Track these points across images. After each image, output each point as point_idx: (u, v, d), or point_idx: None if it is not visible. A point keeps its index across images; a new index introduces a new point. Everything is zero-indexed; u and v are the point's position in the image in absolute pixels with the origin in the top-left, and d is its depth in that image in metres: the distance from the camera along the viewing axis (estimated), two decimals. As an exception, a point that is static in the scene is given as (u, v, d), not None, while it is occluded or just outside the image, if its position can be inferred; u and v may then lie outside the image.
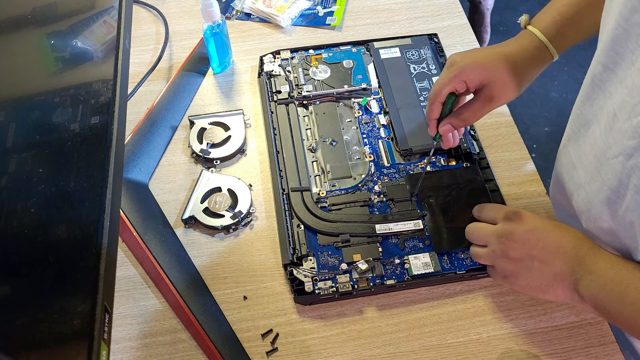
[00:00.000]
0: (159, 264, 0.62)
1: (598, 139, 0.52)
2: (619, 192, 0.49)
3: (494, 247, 0.56)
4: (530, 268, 0.54)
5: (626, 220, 0.50)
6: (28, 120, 0.44)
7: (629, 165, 0.47)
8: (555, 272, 0.52)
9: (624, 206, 0.49)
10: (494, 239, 0.56)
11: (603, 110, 0.51)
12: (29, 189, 0.41)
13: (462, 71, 0.58)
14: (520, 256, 0.54)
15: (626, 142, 0.47)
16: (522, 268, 0.54)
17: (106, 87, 0.53)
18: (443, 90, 0.59)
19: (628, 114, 0.46)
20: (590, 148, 0.54)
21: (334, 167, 0.70)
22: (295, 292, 0.60)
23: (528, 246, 0.54)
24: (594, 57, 0.52)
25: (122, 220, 0.64)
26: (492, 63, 0.58)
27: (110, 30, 0.58)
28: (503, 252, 0.55)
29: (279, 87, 0.76)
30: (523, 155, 0.73)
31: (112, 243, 0.46)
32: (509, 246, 0.55)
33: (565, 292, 0.52)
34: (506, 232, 0.55)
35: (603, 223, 0.53)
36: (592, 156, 0.53)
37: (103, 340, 0.41)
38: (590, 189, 0.54)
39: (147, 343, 0.60)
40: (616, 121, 0.48)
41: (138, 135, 0.72)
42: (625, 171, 0.48)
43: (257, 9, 0.88)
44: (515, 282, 0.55)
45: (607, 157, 0.50)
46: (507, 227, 0.56)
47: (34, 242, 0.40)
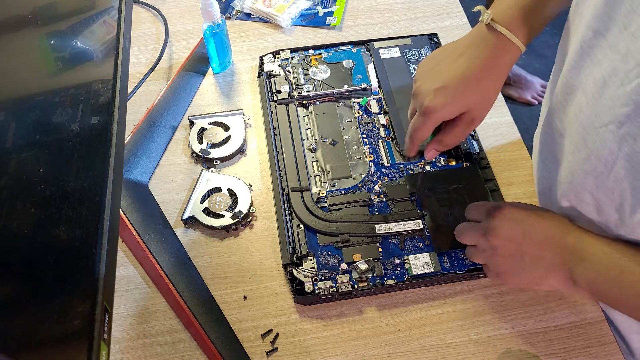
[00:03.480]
0: (159, 264, 0.62)
1: (584, 108, 0.51)
2: (608, 161, 0.48)
3: (483, 246, 0.56)
4: (521, 263, 0.53)
5: (615, 190, 0.49)
6: (28, 120, 0.44)
7: (620, 133, 0.46)
8: (547, 264, 0.52)
9: (613, 176, 0.48)
10: (480, 238, 0.56)
11: (590, 78, 0.50)
12: (29, 189, 0.41)
13: (435, 115, 0.56)
14: (509, 253, 0.54)
15: (618, 109, 0.46)
16: (514, 264, 0.54)
17: (106, 87, 0.53)
18: (423, 136, 0.58)
19: (621, 80, 0.45)
20: (576, 117, 0.52)
21: (334, 167, 0.70)
22: (295, 292, 0.60)
23: (515, 242, 0.53)
24: (584, 23, 0.50)
25: (122, 220, 0.64)
26: (461, 93, 0.55)
27: (110, 30, 0.58)
28: (492, 249, 0.55)
29: (279, 87, 0.76)
30: (523, 155, 0.73)
31: (112, 243, 0.46)
32: (496, 243, 0.54)
33: (560, 281, 0.52)
34: (490, 229, 0.55)
35: (585, 195, 0.52)
36: (578, 125, 0.52)
37: (103, 340, 0.41)
38: (574, 159, 0.53)
39: (147, 343, 0.60)
40: (606, 88, 0.47)
41: (138, 135, 0.72)
42: (616, 140, 0.47)
43: (257, 9, 0.88)
44: (508, 278, 0.55)
45: (595, 126, 0.49)
46: (490, 224, 0.55)
47: (34, 242, 0.40)
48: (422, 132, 0.57)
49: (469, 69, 0.55)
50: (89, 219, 0.45)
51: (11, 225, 0.38)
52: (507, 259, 0.54)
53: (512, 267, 0.54)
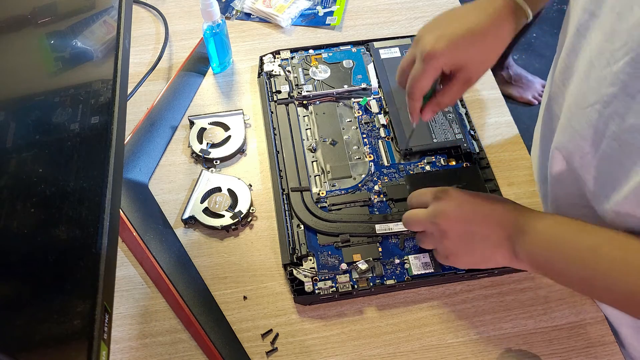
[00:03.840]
0: (159, 264, 0.62)
1: (574, 90, 0.51)
2: (595, 140, 0.49)
3: (432, 230, 0.56)
4: (470, 243, 0.54)
5: (601, 168, 0.49)
6: (28, 120, 0.44)
7: (606, 112, 0.46)
8: (493, 240, 0.53)
9: (599, 155, 0.49)
10: (429, 223, 0.56)
11: (582, 60, 0.50)
12: (29, 189, 0.41)
13: (436, 60, 0.56)
14: (458, 234, 0.54)
15: (604, 89, 0.46)
16: (463, 245, 0.54)
17: (106, 87, 0.53)
18: (423, 84, 0.58)
19: (607, 60, 0.46)
20: (566, 100, 0.53)
21: (334, 167, 0.70)
22: (295, 292, 0.60)
23: (463, 222, 0.54)
24: (580, 5, 0.51)
25: (122, 220, 0.64)
26: (464, 45, 0.56)
27: (110, 30, 0.58)
28: (441, 233, 0.55)
29: (278, 87, 0.76)
30: (523, 155, 0.73)
31: (112, 243, 0.46)
32: (445, 226, 0.54)
33: (505, 256, 0.53)
34: (438, 212, 0.55)
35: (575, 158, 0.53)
36: (566, 107, 0.53)
37: (103, 341, 0.41)
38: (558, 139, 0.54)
39: (147, 343, 0.60)
40: (593, 69, 0.48)
41: (138, 135, 0.72)
42: (602, 119, 0.47)
43: (257, 9, 0.88)
44: (458, 259, 0.55)
45: (581, 107, 0.49)
46: (437, 206, 0.55)
47: (34, 242, 0.40)
48: (422, 81, 0.57)
49: (475, 24, 0.55)
50: (89, 219, 0.45)
51: (11, 225, 0.38)
52: (456, 240, 0.54)
53: (461, 247, 0.54)
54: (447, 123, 0.72)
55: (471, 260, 0.55)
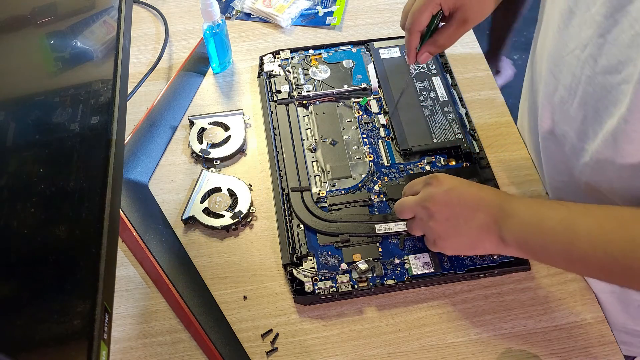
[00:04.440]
0: (159, 264, 0.62)
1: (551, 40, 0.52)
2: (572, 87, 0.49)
3: (421, 215, 0.56)
4: (457, 227, 0.54)
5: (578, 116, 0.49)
6: (28, 120, 0.44)
7: (583, 56, 0.47)
8: (480, 224, 0.53)
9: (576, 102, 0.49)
10: (418, 207, 0.56)
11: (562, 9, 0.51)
12: (29, 189, 0.41)
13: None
14: (445, 217, 0.54)
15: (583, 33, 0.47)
16: (450, 228, 0.54)
17: (106, 87, 0.53)
18: (422, 18, 0.59)
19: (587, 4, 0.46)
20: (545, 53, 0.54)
21: (334, 167, 0.70)
22: (295, 292, 0.60)
23: (451, 206, 0.54)
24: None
25: (122, 220, 0.64)
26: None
27: (110, 30, 0.58)
28: (429, 216, 0.55)
29: (278, 87, 0.76)
30: (523, 155, 0.73)
31: (112, 243, 0.46)
32: (433, 209, 0.55)
33: (492, 241, 0.53)
34: (427, 197, 0.55)
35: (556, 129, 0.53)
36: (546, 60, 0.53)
37: (103, 340, 0.41)
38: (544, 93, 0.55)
39: (147, 343, 0.60)
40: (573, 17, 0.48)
41: (138, 135, 0.72)
42: (580, 64, 0.47)
43: (257, 9, 0.88)
44: (445, 244, 0.56)
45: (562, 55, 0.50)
46: (427, 191, 0.56)
47: (34, 242, 0.40)
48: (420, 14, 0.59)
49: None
50: (89, 219, 0.45)
51: (11, 225, 0.38)
52: (443, 223, 0.55)
53: (448, 231, 0.55)
54: (447, 123, 0.73)
55: (458, 243, 0.55)
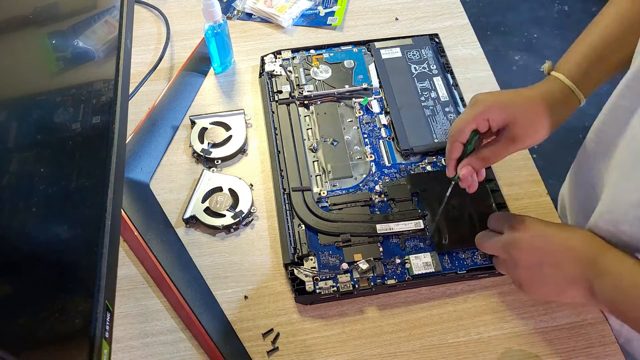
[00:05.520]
0: (160, 263, 0.62)
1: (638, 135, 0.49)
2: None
3: (504, 257, 0.56)
4: (542, 275, 0.53)
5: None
6: (30, 119, 0.44)
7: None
8: (567, 275, 0.51)
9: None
10: (501, 250, 0.56)
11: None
12: (31, 189, 0.41)
13: (485, 109, 0.56)
14: (530, 264, 0.53)
15: None
16: (535, 275, 0.53)
17: (108, 87, 0.53)
18: (466, 129, 0.57)
19: None
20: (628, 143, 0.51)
21: (335, 167, 0.70)
22: (296, 292, 0.60)
23: (536, 253, 0.53)
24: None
25: (124, 219, 0.64)
26: (515, 103, 0.56)
27: (112, 30, 0.58)
28: (514, 262, 0.54)
29: (280, 87, 0.76)
30: (524, 155, 0.73)
31: (114, 242, 0.46)
32: (518, 256, 0.54)
33: (580, 294, 0.51)
34: (511, 242, 0.54)
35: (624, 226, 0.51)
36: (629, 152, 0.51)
37: (104, 339, 0.41)
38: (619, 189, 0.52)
39: (148, 342, 0.60)
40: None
41: (139, 135, 0.72)
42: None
43: (258, 9, 0.88)
44: (530, 289, 0.55)
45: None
46: (511, 236, 0.55)
47: (36, 241, 0.40)
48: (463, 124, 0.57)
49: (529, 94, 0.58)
50: (90, 218, 0.45)
51: (13, 224, 0.38)
52: (528, 270, 0.53)
53: (533, 278, 0.54)
54: (448, 123, 0.73)
55: (543, 292, 0.54)
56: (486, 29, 1.92)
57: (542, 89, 0.58)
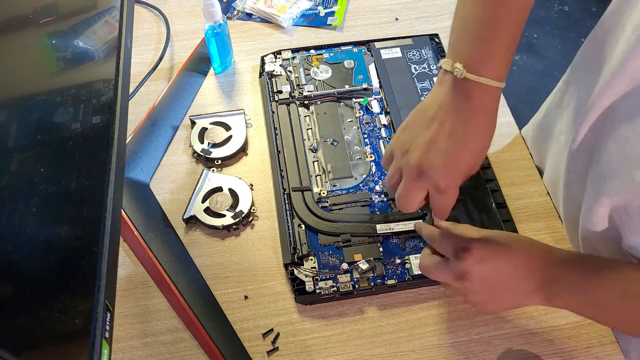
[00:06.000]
0: (160, 263, 0.62)
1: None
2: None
3: (456, 287, 0.53)
4: (497, 295, 0.52)
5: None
6: (30, 119, 0.44)
7: None
8: (524, 291, 0.51)
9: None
10: (452, 281, 0.53)
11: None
12: (31, 188, 0.41)
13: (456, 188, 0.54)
14: (484, 289, 0.52)
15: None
16: (491, 297, 0.52)
17: (108, 87, 0.53)
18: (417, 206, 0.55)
19: None
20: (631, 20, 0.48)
21: (335, 167, 0.70)
22: (296, 292, 0.60)
23: (488, 280, 0.51)
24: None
25: (124, 219, 0.64)
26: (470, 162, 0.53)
27: (112, 30, 0.58)
28: (467, 291, 0.52)
29: (280, 87, 0.76)
30: (524, 155, 0.73)
31: (114, 242, 0.46)
32: (469, 286, 0.52)
33: (538, 302, 0.52)
34: (460, 273, 0.51)
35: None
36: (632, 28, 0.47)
37: (104, 339, 0.41)
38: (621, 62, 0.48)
39: (148, 342, 0.60)
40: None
41: (139, 135, 0.72)
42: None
43: (258, 9, 0.88)
44: (489, 308, 0.54)
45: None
46: (458, 267, 0.51)
47: (36, 241, 0.40)
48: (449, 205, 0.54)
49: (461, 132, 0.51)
50: (90, 218, 0.45)
51: (13, 224, 0.38)
52: (483, 294, 0.52)
53: (489, 300, 0.53)
54: (448, 123, 0.72)
55: (500, 307, 0.55)
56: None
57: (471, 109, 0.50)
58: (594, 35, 0.57)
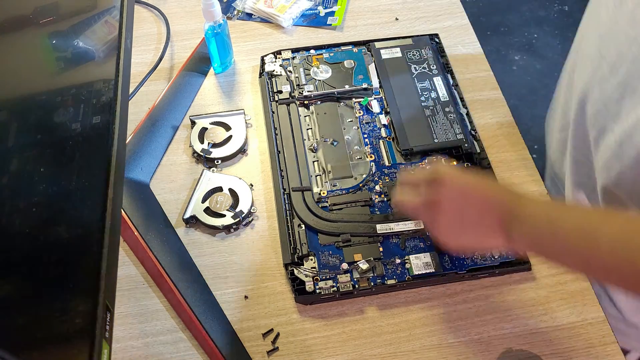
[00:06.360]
0: (160, 263, 0.62)
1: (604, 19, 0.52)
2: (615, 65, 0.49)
3: (426, 218, 0.56)
4: (463, 227, 0.53)
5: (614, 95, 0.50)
6: (30, 119, 0.44)
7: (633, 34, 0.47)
8: (486, 224, 0.52)
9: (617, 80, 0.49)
10: (422, 211, 0.55)
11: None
12: (31, 188, 0.41)
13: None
14: (451, 220, 0.53)
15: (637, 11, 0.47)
16: (456, 229, 0.54)
17: (108, 87, 0.53)
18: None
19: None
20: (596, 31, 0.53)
21: (335, 167, 0.70)
22: (296, 292, 0.60)
23: (454, 209, 0.53)
24: None
25: (124, 219, 0.64)
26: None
27: (112, 30, 0.58)
28: (434, 220, 0.54)
29: (280, 87, 0.76)
30: (524, 155, 0.73)
31: (114, 242, 0.46)
32: (439, 215, 0.53)
33: (500, 242, 0.52)
34: (432, 202, 0.54)
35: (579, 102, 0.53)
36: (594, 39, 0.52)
37: (104, 339, 0.41)
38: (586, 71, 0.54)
39: (148, 342, 0.60)
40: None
41: (139, 135, 0.72)
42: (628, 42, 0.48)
43: (258, 9, 0.88)
44: (453, 241, 0.55)
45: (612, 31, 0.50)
46: (431, 192, 0.54)
47: (36, 241, 0.40)
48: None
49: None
50: (90, 218, 0.45)
51: (13, 224, 0.38)
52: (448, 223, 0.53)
53: (453, 230, 0.54)
54: (448, 123, 0.73)
55: (464, 241, 0.54)
56: (486, 29, 1.92)
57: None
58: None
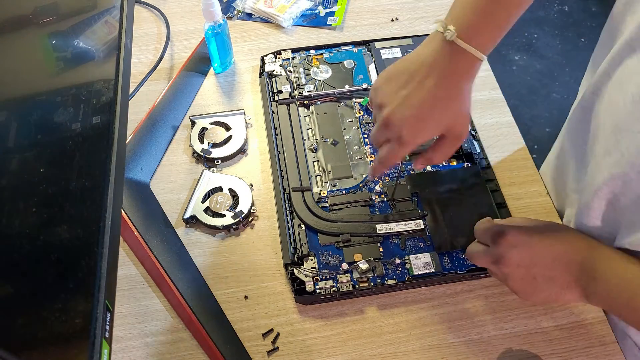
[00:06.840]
0: (160, 263, 0.62)
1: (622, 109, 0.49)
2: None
3: (495, 272, 0.55)
4: (534, 284, 0.52)
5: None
6: (30, 119, 0.44)
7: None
8: (561, 283, 0.51)
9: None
10: (491, 265, 0.55)
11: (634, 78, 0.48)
12: (31, 189, 0.41)
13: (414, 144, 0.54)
14: (520, 277, 0.53)
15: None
16: (527, 286, 0.53)
17: (108, 87, 0.53)
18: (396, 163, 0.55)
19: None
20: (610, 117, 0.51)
21: (335, 167, 0.70)
22: (296, 292, 0.60)
23: (524, 267, 0.52)
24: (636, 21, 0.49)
25: (124, 219, 0.64)
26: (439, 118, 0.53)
27: (112, 30, 0.58)
28: (504, 276, 0.54)
29: (280, 87, 0.77)
30: (524, 155, 0.73)
31: (114, 242, 0.46)
32: (506, 271, 0.53)
33: (575, 297, 0.52)
34: (497, 259, 0.53)
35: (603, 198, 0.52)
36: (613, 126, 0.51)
37: (104, 339, 0.41)
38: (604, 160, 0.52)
39: (148, 342, 0.60)
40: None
41: (139, 135, 0.72)
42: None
43: (258, 9, 0.88)
44: (527, 297, 0.54)
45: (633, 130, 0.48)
46: (496, 251, 0.53)
47: (36, 241, 0.40)
48: (397, 159, 0.56)
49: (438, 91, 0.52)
50: (90, 218, 0.45)
51: (13, 224, 0.38)
52: (519, 282, 0.53)
53: (526, 288, 0.53)
54: (448, 123, 0.73)
55: (539, 298, 0.54)
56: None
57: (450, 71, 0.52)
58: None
